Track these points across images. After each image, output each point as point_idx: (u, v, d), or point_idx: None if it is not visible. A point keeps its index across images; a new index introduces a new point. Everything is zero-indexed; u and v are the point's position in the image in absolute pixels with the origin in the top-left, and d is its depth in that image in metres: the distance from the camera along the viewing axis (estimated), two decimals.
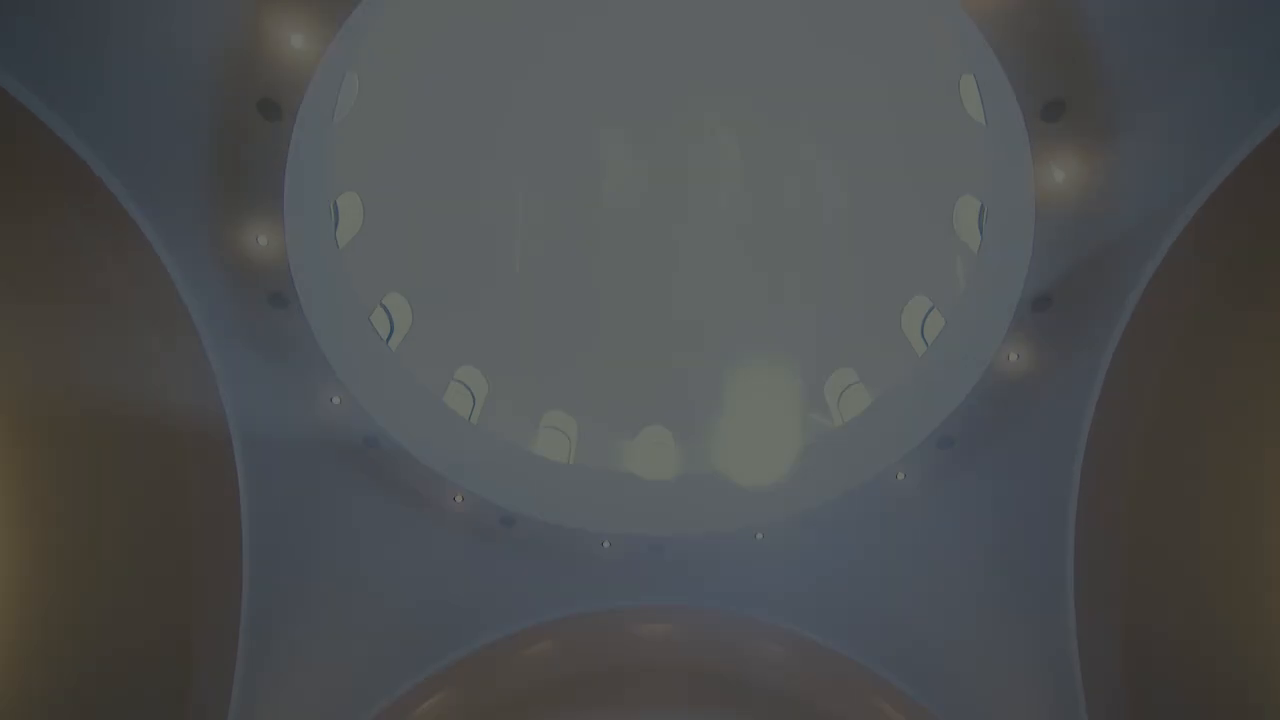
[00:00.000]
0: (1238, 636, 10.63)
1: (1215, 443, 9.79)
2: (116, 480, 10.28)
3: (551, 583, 12.43)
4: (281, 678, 10.96)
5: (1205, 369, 9.27)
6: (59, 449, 10.18)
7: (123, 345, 9.23)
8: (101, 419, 9.84)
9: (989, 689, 11.16)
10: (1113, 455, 9.65)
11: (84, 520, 10.56)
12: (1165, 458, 9.84)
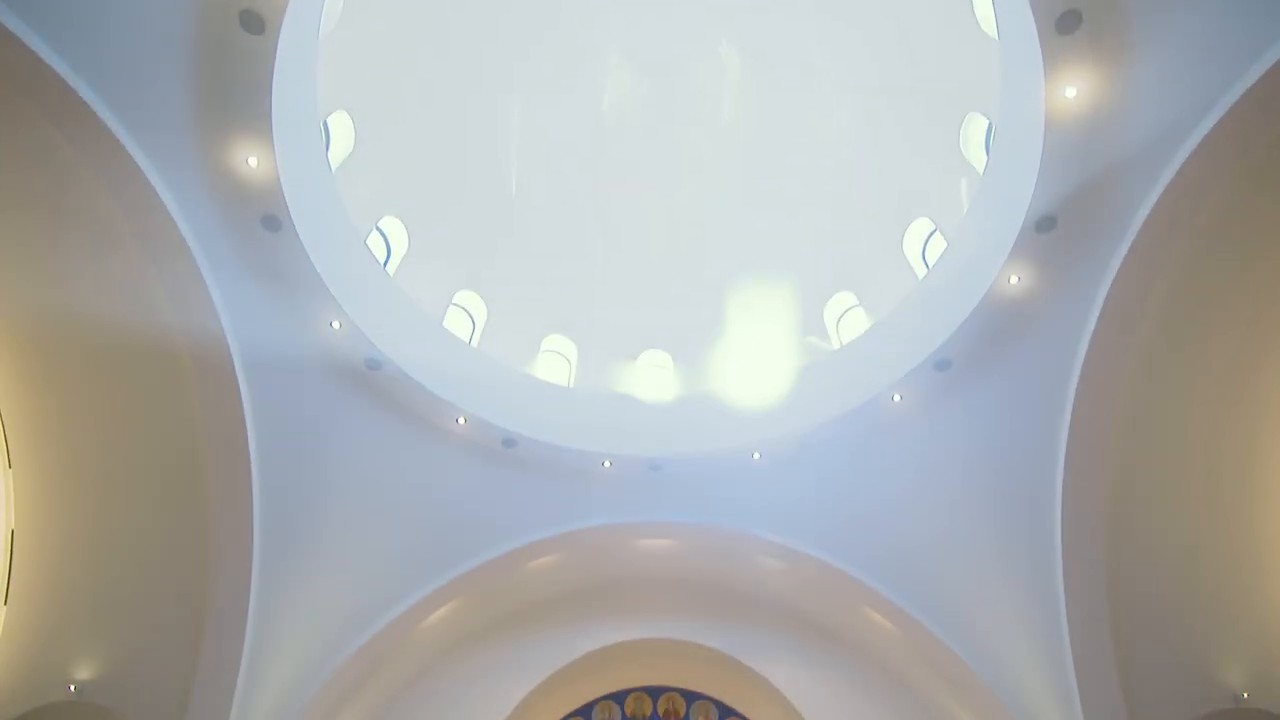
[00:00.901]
0: (1217, 545, 11.05)
1: (1210, 365, 9.89)
2: (123, 404, 10.49)
3: (553, 500, 12.79)
4: (296, 590, 11.41)
5: (1206, 293, 9.25)
6: (63, 374, 10.34)
7: (117, 271, 9.20)
8: (102, 345, 9.95)
9: (976, 600, 11.61)
10: (1107, 378, 9.74)
11: (94, 443, 10.83)
12: (1160, 381, 9.96)
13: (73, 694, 10.95)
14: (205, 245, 9.27)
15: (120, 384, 10.33)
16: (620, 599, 15.18)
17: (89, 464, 10.94)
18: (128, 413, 10.57)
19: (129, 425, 10.66)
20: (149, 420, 10.62)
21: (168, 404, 10.40)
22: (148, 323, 9.61)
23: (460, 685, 14.50)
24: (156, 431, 10.70)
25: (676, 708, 16.26)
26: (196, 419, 10.39)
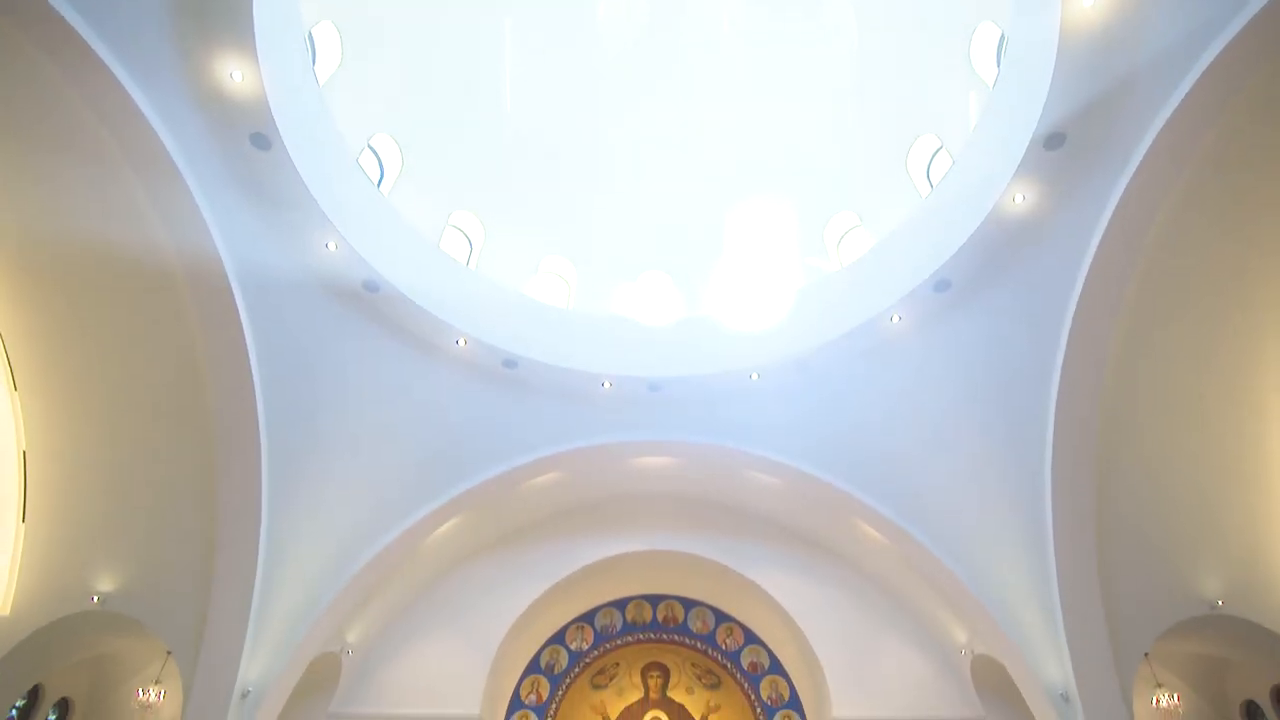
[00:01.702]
0: (1203, 462, 11.30)
1: (1209, 289, 9.85)
2: (123, 325, 10.50)
3: (554, 420, 12.99)
4: (305, 504, 11.73)
5: (1211, 215, 9.11)
6: (61, 297, 10.31)
7: (108, 191, 9.03)
8: (97, 266, 9.87)
9: (964, 513, 11.96)
10: (1107, 299, 9.72)
11: (98, 365, 10.90)
12: (1159, 302, 9.94)
13: (96, 605, 11.43)
14: (194, 164, 9.07)
15: (118, 305, 10.33)
16: (621, 514, 15.67)
17: (94, 386, 11.06)
18: (128, 334, 10.60)
19: (130, 346, 10.72)
20: (150, 341, 10.66)
21: (167, 325, 10.41)
22: (141, 243, 9.51)
23: (468, 595, 15.17)
24: (158, 352, 10.76)
25: (675, 614, 17.05)
26: (197, 339, 10.44)
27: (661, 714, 16.13)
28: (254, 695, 11.01)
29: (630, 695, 16.34)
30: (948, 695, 13.79)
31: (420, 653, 14.48)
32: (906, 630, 14.61)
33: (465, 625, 14.74)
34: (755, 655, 16.39)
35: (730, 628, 16.75)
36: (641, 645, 16.78)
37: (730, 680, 16.28)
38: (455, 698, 13.82)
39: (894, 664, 14.24)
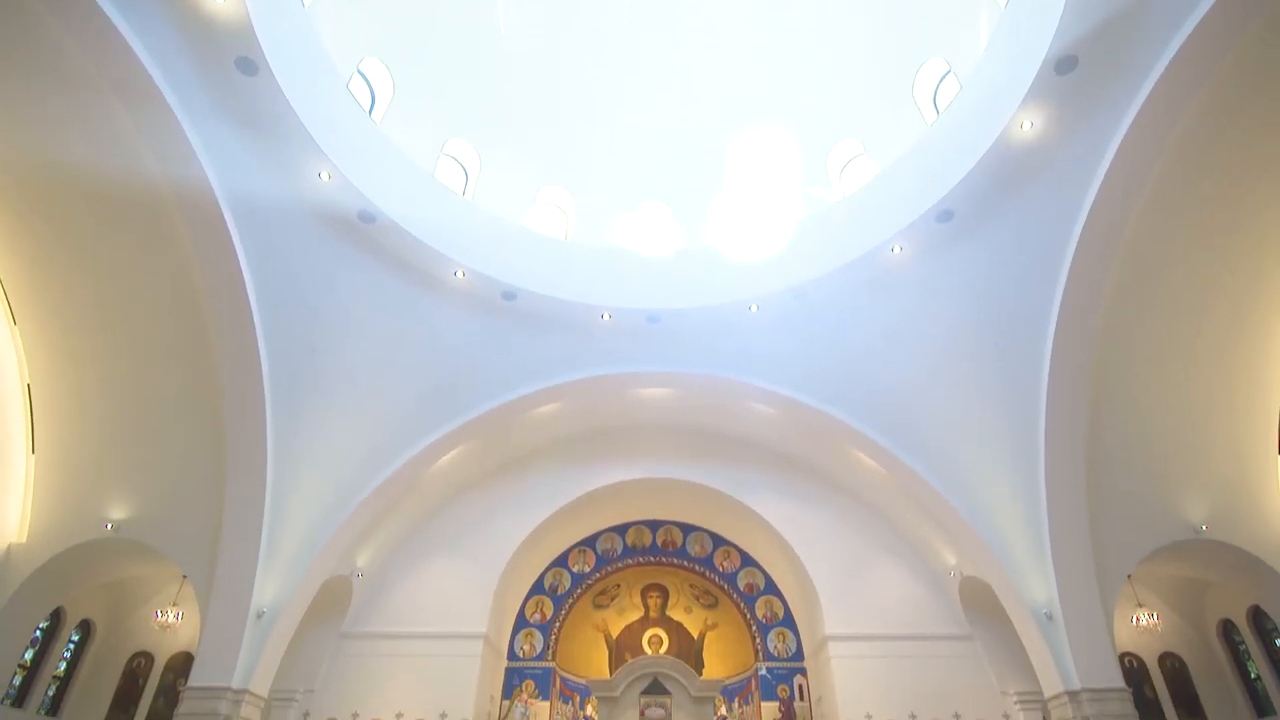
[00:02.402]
0: (1195, 393, 11.46)
1: (1213, 219, 9.75)
2: (118, 257, 10.45)
3: (554, 351, 13.06)
4: (310, 435, 11.89)
5: (1223, 144, 8.92)
6: (54, 230, 10.21)
7: (93, 120, 8.81)
8: (88, 198, 9.75)
9: (959, 442, 12.16)
10: (1111, 228, 9.62)
11: (96, 298, 10.90)
12: (1162, 231, 9.85)
13: (109, 531, 11.76)
14: (179, 91, 8.81)
15: (113, 237, 10.25)
16: (621, 443, 15.94)
17: (94, 318, 11.08)
18: (124, 266, 10.55)
19: (128, 278, 10.68)
20: (147, 273, 10.63)
21: (163, 256, 10.35)
22: (130, 173, 9.34)
23: (474, 521, 15.58)
24: (156, 284, 10.74)
25: (674, 538, 17.56)
26: (193, 271, 10.38)
27: (661, 631, 16.82)
28: (268, 616, 11.44)
29: (631, 614, 16.99)
30: (936, 614, 14.34)
31: (428, 575, 14.98)
32: (898, 553, 15.07)
33: (471, 549, 15.19)
34: (751, 577, 16.97)
35: (727, 551, 17.28)
36: (641, 568, 17.35)
37: (727, 600, 16.91)
38: (463, 617, 14.36)
39: (885, 585, 14.74)
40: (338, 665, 13.84)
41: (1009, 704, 13.17)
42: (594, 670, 15.64)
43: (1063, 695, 10.95)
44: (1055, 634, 11.18)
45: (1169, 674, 14.01)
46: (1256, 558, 11.71)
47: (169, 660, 14.37)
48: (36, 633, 12.86)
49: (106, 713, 13.74)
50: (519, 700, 15.32)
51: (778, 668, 15.77)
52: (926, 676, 13.49)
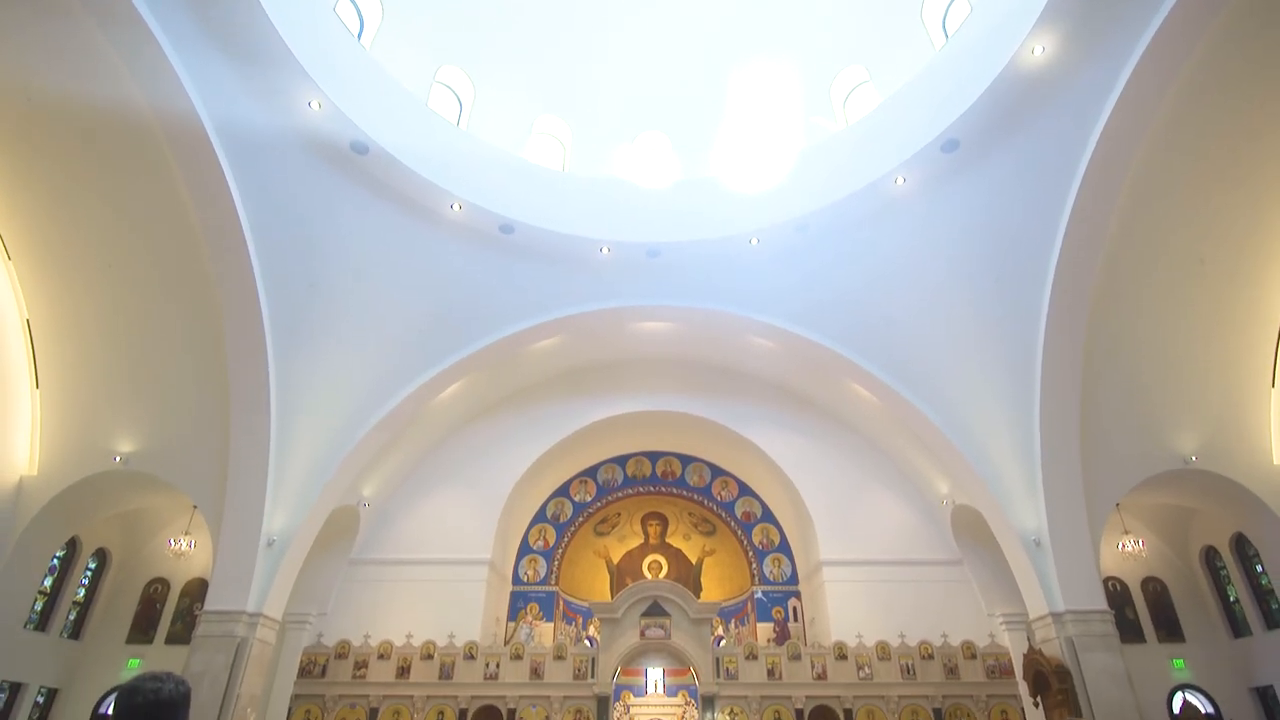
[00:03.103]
0: (1193, 327, 11.48)
1: (1222, 149, 9.55)
2: (110, 191, 10.28)
3: (553, 285, 12.97)
4: (312, 367, 11.94)
5: (1238, 71, 8.64)
6: (42, 164, 10.01)
7: (71, 48, 8.49)
8: (74, 130, 9.51)
9: (956, 374, 12.20)
10: (1119, 158, 9.40)
11: (90, 232, 10.78)
12: (1172, 160, 9.65)
13: (118, 464, 11.96)
14: (161, 16, 8.47)
15: (103, 171, 10.05)
16: (621, 376, 16.05)
17: (89, 252, 10.98)
18: (116, 198, 10.39)
19: (121, 211, 10.54)
20: (140, 205, 10.47)
21: (156, 190, 10.18)
22: (116, 102, 9.08)
23: (477, 452, 15.85)
24: (150, 216, 10.59)
25: (673, 468, 17.91)
26: (187, 203, 10.22)
27: (660, 557, 17.34)
28: (279, 544, 11.76)
29: (631, 541, 17.48)
30: (928, 541, 14.76)
31: (433, 505, 15.34)
32: (892, 483, 15.39)
33: (474, 480, 15.51)
34: (748, 505, 17.38)
35: (725, 481, 17.65)
36: (641, 497, 17.76)
37: (724, 528, 17.37)
38: (468, 544, 14.80)
39: (878, 513, 15.12)
40: (348, 590, 14.33)
41: (995, 625, 13.70)
42: (596, 594, 16.19)
43: (1047, 617, 11.36)
44: (1043, 560, 11.51)
45: (1151, 597, 14.51)
46: (1243, 487, 11.95)
47: (185, 586, 14.86)
48: (54, 561, 13.25)
49: (127, 635, 14.30)
50: (524, 622, 15.92)
51: (773, 591, 16.34)
52: (916, 599, 13.99)
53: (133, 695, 1.96)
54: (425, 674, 13.12)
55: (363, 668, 13.20)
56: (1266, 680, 12.90)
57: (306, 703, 12.86)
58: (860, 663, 13.21)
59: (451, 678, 13.09)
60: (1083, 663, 10.82)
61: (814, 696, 12.95)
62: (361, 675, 13.13)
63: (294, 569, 12.25)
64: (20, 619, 12.45)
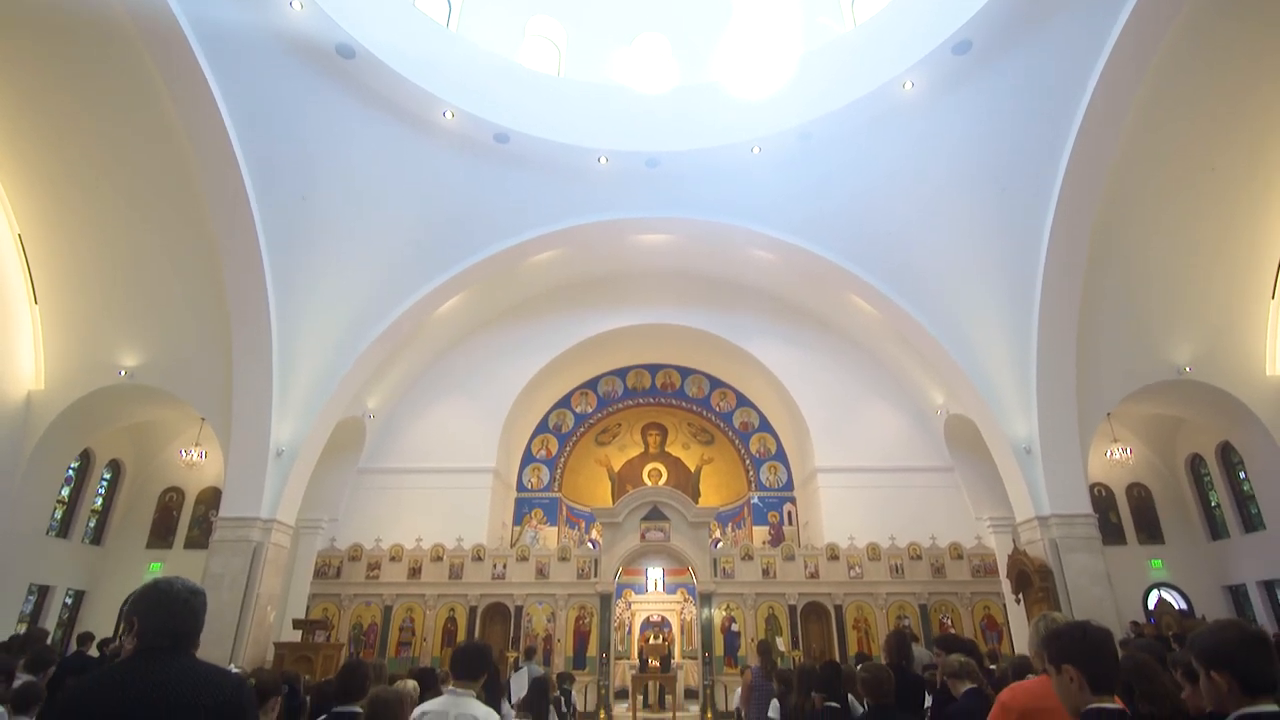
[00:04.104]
0: (1195, 240, 11.37)
1: (1245, 57, 9.16)
2: (89, 97, 9.93)
3: (550, 197, 12.73)
4: (309, 281, 11.89)
5: None
6: (15, 71, 9.62)
7: None
8: (42, 28, 9.08)
9: (957, 286, 12.16)
10: (1135, 64, 9.03)
11: (75, 146, 10.50)
12: (1188, 68, 9.28)
13: (124, 378, 12.11)
14: None
15: (83, 80, 9.69)
16: (621, 289, 16.00)
17: (77, 166, 10.73)
18: (97, 106, 10.04)
19: (103, 120, 10.21)
20: (126, 117, 10.14)
21: (139, 99, 9.83)
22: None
23: (478, 365, 16.01)
24: (136, 129, 10.29)
25: (673, 380, 18.14)
26: (169, 111, 9.90)
27: (660, 465, 17.82)
28: (287, 454, 12.07)
29: (631, 450, 17.91)
30: (921, 449, 15.12)
31: (437, 416, 15.64)
32: (887, 393, 15.62)
33: (477, 392, 15.74)
34: (746, 416, 17.71)
35: (724, 392, 17.91)
36: (641, 408, 18.07)
37: (722, 437, 17.76)
38: (472, 453, 15.18)
39: (873, 422, 15.42)
40: (358, 498, 14.81)
41: (982, 528, 14.23)
42: (598, 500, 16.73)
43: (1033, 520, 11.78)
44: (1032, 467, 11.82)
45: (1135, 502, 15.00)
46: (1234, 397, 12.14)
47: (199, 494, 15.36)
48: (69, 472, 13.63)
49: (147, 541, 14.89)
50: (529, 526, 16.55)
51: (769, 496, 16.88)
52: (907, 504, 14.46)
53: (150, 588, 2.03)
54: (436, 574, 13.75)
55: (375, 569, 13.81)
56: (1239, 579, 13.51)
57: (324, 601, 13.54)
58: (851, 563, 13.80)
59: (461, 578, 13.73)
60: (1064, 563, 11.30)
61: (806, 594, 13.60)
62: (375, 576, 13.77)
63: (304, 478, 12.61)
64: (42, 527, 12.93)
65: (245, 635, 11.17)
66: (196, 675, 1.89)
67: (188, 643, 1.99)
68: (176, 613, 1.98)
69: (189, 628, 1.99)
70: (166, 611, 1.97)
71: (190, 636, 2.00)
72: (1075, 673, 2.01)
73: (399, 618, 13.51)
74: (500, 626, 13.55)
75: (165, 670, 1.87)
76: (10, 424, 11.79)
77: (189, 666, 1.91)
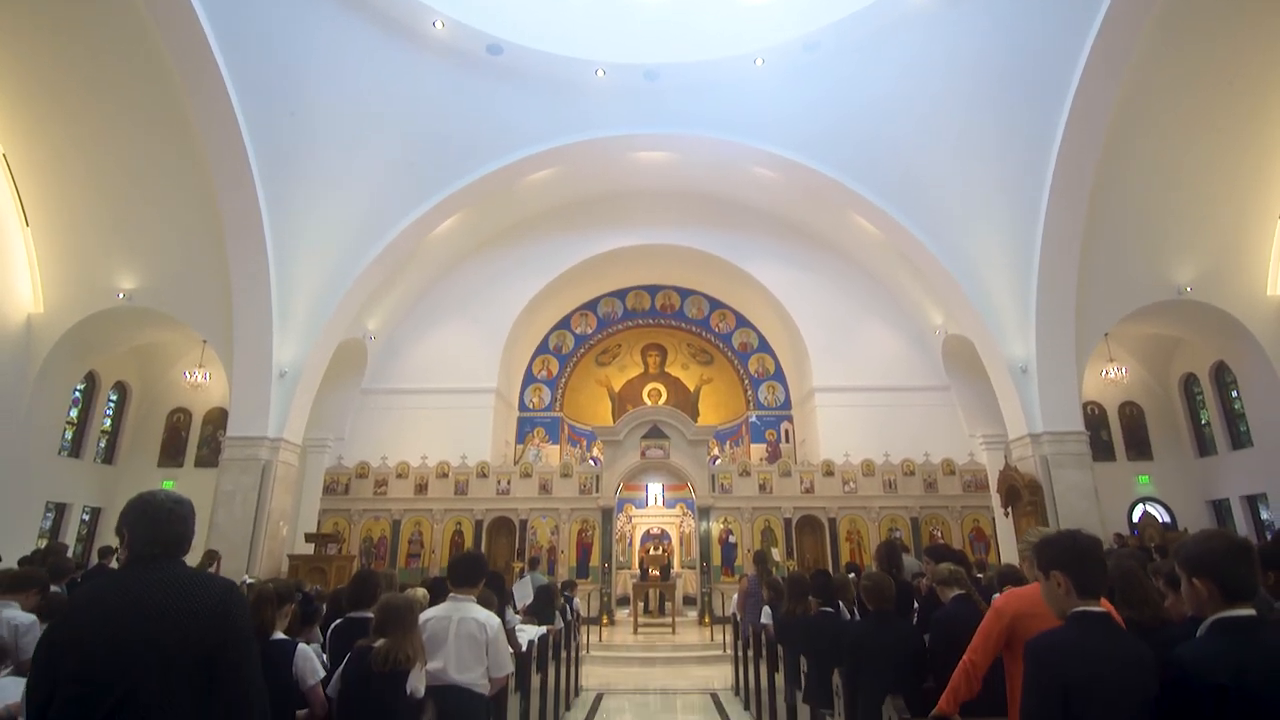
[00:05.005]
0: (1201, 161, 11.14)
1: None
2: (69, 13, 9.49)
3: (546, 112, 12.37)
4: (303, 202, 11.68)
5: None
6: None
7: None
8: None
9: (961, 205, 11.98)
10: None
11: (57, 65, 10.12)
12: None
13: (122, 300, 12.07)
14: None
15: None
16: (619, 209, 15.76)
17: (58, 87, 10.37)
18: (78, 26, 9.62)
19: (85, 40, 9.80)
20: (105, 33, 9.71)
21: (117, 12, 9.40)
22: None
23: (477, 286, 15.96)
24: (117, 47, 9.87)
25: (672, 301, 18.13)
26: (151, 25, 9.48)
27: (659, 386, 18.02)
28: (290, 375, 12.17)
29: (631, 371, 18.08)
30: (918, 368, 15.26)
31: (438, 338, 15.70)
32: (886, 313, 15.65)
33: (477, 313, 15.76)
34: (745, 336, 17.80)
35: (723, 313, 17.92)
36: (641, 329, 18.13)
37: (722, 357, 17.90)
38: (474, 374, 15.34)
39: (872, 342, 15.52)
40: (362, 418, 15.05)
41: (975, 445, 14.53)
42: (599, 420, 17.00)
43: (1025, 437, 12.01)
44: (1028, 386, 11.95)
45: (1126, 420, 15.26)
46: (1233, 317, 12.17)
47: (206, 414, 15.59)
48: (75, 394, 13.77)
49: (157, 460, 15.20)
50: (531, 445, 16.89)
51: (767, 416, 17.16)
52: (903, 423, 14.72)
53: (134, 501, 2.10)
54: (441, 491, 14.13)
55: (383, 486, 14.19)
56: (1223, 494, 13.90)
57: (334, 516, 13.96)
58: (846, 478, 14.16)
59: (466, 493, 14.12)
60: (1054, 478, 11.60)
61: (801, 508, 14.03)
62: (382, 492, 14.15)
63: (308, 398, 12.76)
64: (54, 447, 13.17)
65: (260, 548, 11.56)
66: (186, 581, 1.96)
67: (176, 550, 2.05)
68: (162, 522, 2.03)
69: (176, 536, 2.04)
70: (151, 521, 2.03)
71: (178, 545, 2.05)
72: (1063, 578, 2.11)
73: (407, 531, 13.97)
74: (506, 539, 14.04)
75: (154, 577, 1.94)
76: (13, 347, 11.83)
77: (178, 573, 1.98)
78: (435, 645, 3.57)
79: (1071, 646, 1.97)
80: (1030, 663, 2.01)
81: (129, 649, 1.82)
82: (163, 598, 1.90)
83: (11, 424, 11.79)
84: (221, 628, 1.92)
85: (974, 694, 2.90)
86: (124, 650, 1.82)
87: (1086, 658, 1.93)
